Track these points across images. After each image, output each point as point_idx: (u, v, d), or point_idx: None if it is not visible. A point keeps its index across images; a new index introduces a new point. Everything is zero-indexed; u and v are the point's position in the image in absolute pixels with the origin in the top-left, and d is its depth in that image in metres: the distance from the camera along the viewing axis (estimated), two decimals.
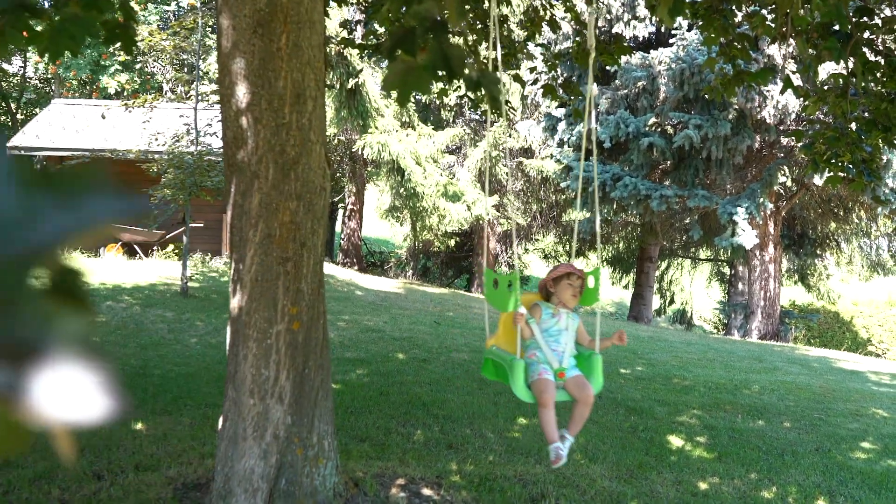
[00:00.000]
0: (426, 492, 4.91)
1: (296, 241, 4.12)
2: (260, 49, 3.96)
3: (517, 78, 8.05)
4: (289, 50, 3.99)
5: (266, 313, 4.10)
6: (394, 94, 2.02)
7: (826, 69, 13.65)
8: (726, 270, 26.63)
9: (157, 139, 13.62)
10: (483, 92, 2.09)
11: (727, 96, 6.90)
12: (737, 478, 5.95)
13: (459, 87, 8.81)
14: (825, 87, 6.49)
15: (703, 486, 5.69)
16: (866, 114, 6.46)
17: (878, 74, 6.13)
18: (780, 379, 10.60)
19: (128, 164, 15.44)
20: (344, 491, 4.52)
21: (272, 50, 3.96)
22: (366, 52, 8.37)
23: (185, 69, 15.36)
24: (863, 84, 6.23)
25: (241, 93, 4.01)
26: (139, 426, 6.05)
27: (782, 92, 5.88)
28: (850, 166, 6.31)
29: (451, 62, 2.03)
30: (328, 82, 18.14)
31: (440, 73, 2.05)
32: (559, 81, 7.58)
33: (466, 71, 2.09)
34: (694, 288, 30.98)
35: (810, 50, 6.01)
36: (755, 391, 9.50)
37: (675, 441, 6.86)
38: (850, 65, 6.06)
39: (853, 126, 6.27)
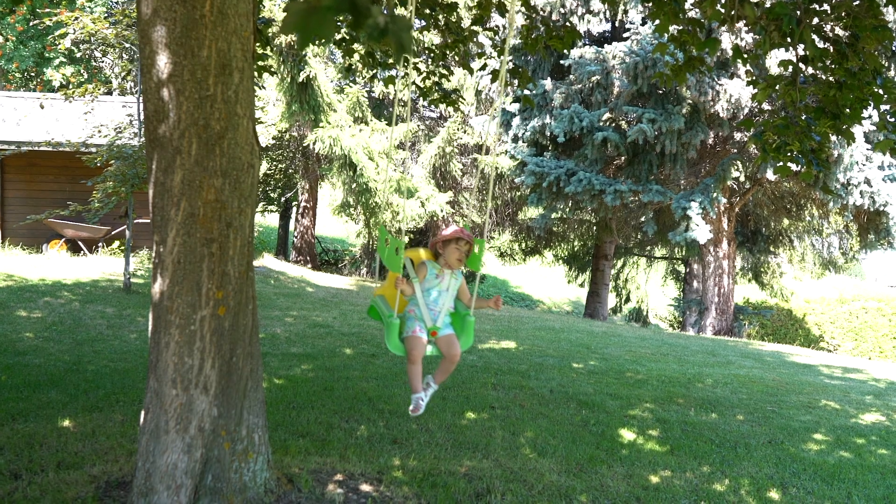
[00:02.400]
0: (365, 488, 4.67)
1: (221, 221, 3.86)
2: (182, 16, 3.69)
3: (465, 65, 7.83)
4: (213, 17, 3.74)
5: (189, 298, 3.84)
6: (295, 36, 1.78)
7: (776, 57, 13.70)
8: (681, 269, 26.75)
9: (100, 131, 13.20)
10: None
11: (678, 83, 6.78)
12: (689, 471, 5.81)
13: (407, 73, 8.59)
14: (775, 75, 6.39)
15: (654, 479, 5.53)
16: (815, 104, 6.38)
17: (828, 62, 6.05)
18: (733, 372, 10.53)
19: (69, 157, 15.00)
20: (276, 487, 4.26)
21: (195, 17, 3.70)
22: None
23: (135, 63, 14.91)
24: (812, 71, 6.15)
25: (162, 63, 3.75)
26: (66, 423, 5.74)
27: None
28: (800, 156, 6.22)
29: (357, 4, 1.81)
30: (280, 76, 17.81)
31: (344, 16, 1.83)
32: (508, 68, 7.39)
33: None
34: (649, 286, 31.13)
35: (758, 35, 5.89)
36: (708, 385, 9.40)
37: (627, 435, 6.71)
38: (800, 50, 5.97)
39: (802, 115, 6.18)
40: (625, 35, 17.81)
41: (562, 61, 18.17)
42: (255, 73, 8.05)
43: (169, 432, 3.85)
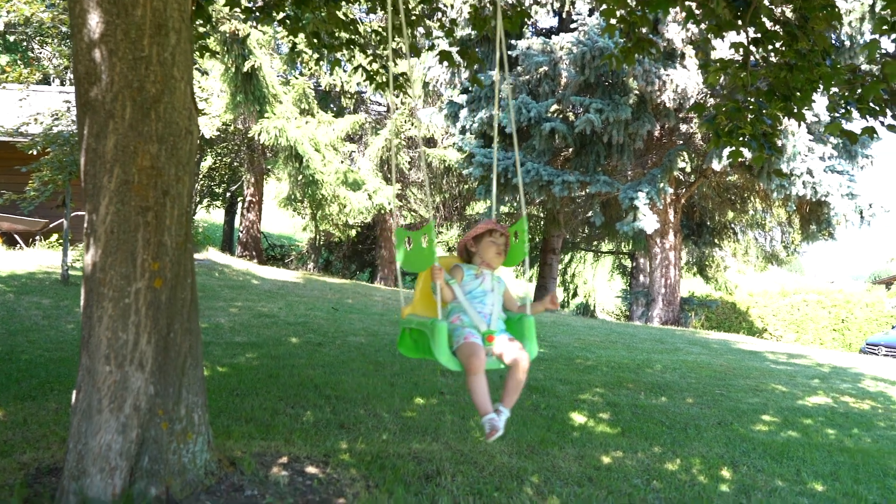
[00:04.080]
0: (311, 470, 4.51)
1: (157, 189, 3.67)
2: None
3: (412, 48, 7.67)
4: None
5: (123, 269, 3.64)
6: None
7: (723, 46, 13.83)
8: (628, 263, 26.97)
9: (36, 119, 12.76)
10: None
11: (627, 65, 6.73)
12: (640, 451, 5.76)
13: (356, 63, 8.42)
14: (726, 59, 6.39)
15: (606, 459, 5.46)
16: (766, 86, 6.38)
17: (778, 43, 6.05)
18: (681, 358, 10.57)
19: (2, 146, 14.57)
20: (217, 469, 4.08)
21: None
22: (252, 14, 7.86)
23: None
24: (762, 54, 6.15)
25: (94, 22, 3.55)
26: None
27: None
28: (752, 140, 6.22)
29: None
30: (224, 65, 17.48)
31: None
32: (456, 49, 7.27)
33: None
34: (597, 281, 31.34)
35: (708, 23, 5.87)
36: (657, 370, 9.41)
37: (578, 418, 6.64)
38: (751, 33, 5.96)
39: (753, 98, 6.18)
40: (572, 27, 17.83)
41: (509, 52, 18.13)
42: (197, 54, 7.82)
43: (102, 412, 3.64)
